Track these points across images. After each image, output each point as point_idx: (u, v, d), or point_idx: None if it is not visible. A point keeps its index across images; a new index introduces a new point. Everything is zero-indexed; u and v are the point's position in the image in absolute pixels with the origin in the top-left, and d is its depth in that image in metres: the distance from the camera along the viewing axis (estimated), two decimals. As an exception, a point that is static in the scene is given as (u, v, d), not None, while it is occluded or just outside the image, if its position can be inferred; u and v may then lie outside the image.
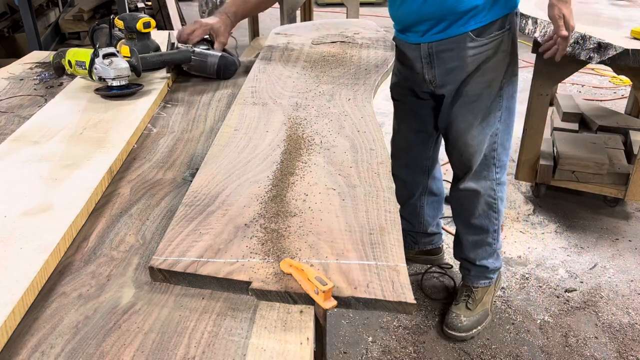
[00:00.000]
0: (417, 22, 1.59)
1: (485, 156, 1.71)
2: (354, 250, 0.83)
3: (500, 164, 1.75)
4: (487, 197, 1.79)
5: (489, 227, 1.86)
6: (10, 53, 4.18)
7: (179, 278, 0.80)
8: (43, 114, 1.32)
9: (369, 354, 1.84)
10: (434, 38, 1.59)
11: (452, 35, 1.56)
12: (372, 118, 1.26)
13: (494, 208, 1.82)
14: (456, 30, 1.55)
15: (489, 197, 1.79)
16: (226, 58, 1.62)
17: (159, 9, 4.92)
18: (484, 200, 1.80)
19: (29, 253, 0.82)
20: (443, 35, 1.57)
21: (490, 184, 1.77)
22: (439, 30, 1.57)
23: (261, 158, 1.09)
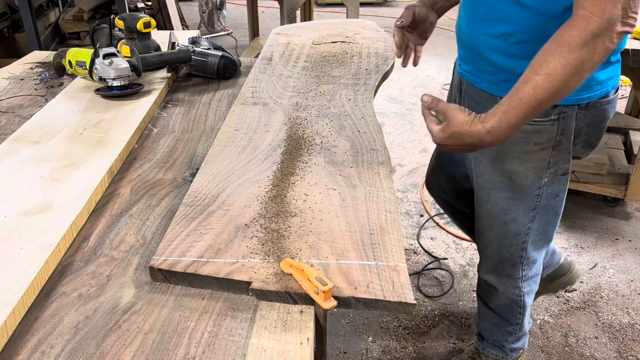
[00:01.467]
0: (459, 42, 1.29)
1: (509, 254, 1.39)
2: (354, 250, 0.83)
3: (529, 261, 1.41)
4: (510, 295, 1.48)
5: (510, 319, 1.55)
6: (11, 53, 4.18)
7: (179, 278, 0.80)
8: (43, 114, 1.33)
9: (369, 354, 1.84)
10: (465, 75, 1.29)
11: (480, 87, 1.24)
12: (373, 118, 1.26)
13: (518, 303, 1.50)
14: (485, 84, 1.22)
15: (512, 294, 1.48)
16: (226, 58, 1.62)
17: (159, 9, 4.92)
18: (506, 297, 1.49)
19: (29, 253, 0.82)
20: (472, 78, 1.26)
21: (514, 282, 1.45)
22: (469, 70, 1.27)
23: (261, 158, 1.09)
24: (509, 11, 1.09)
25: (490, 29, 1.14)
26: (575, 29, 0.90)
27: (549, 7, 1.03)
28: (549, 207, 1.31)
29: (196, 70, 1.63)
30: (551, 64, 0.92)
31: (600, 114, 1.19)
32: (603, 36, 0.88)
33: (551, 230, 1.38)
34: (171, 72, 1.59)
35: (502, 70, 1.16)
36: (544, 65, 0.92)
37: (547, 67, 0.92)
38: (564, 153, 1.22)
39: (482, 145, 1.00)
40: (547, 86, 0.92)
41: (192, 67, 1.62)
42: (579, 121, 1.18)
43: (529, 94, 0.94)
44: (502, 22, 1.11)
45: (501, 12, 1.11)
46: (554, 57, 0.92)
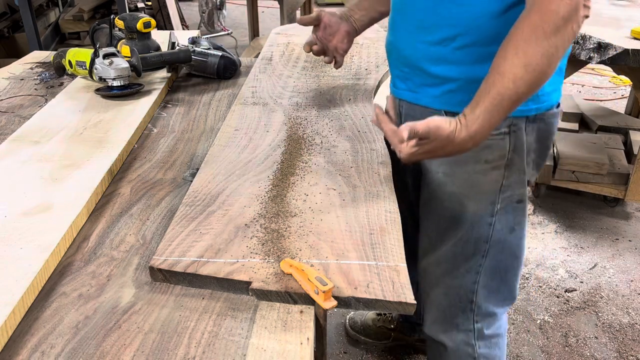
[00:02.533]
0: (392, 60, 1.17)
1: (457, 296, 1.20)
2: (354, 250, 0.83)
3: (483, 311, 1.20)
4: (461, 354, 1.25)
5: None
6: (10, 53, 4.18)
7: (179, 278, 0.80)
8: (43, 113, 1.32)
9: (369, 354, 1.84)
10: (403, 94, 1.15)
11: (421, 104, 1.11)
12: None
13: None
14: (427, 99, 1.10)
15: (464, 354, 1.24)
16: (226, 58, 1.62)
17: (159, 9, 4.92)
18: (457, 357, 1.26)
19: (29, 253, 0.82)
20: (411, 96, 1.13)
21: (465, 337, 1.23)
22: (407, 87, 1.14)
23: (261, 158, 1.09)
24: (449, 13, 1.00)
25: (428, 35, 1.04)
26: (547, 13, 0.85)
27: (492, 5, 0.97)
28: (505, 243, 1.14)
29: (196, 70, 1.63)
30: (529, 52, 0.86)
31: (547, 128, 1.10)
32: (572, 20, 0.85)
33: (512, 279, 1.18)
34: (171, 72, 1.59)
35: (446, 81, 1.05)
36: (521, 55, 0.86)
37: (525, 56, 0.86)
38: (518, 173, 1.09)
39: (460, 153, 0.91)
40: (528, 77, 0.86)
41: (192, 67, 1.62)
42: (528, 136, 1.07)
43: (508, 87, 0.87)
44: (442, 26, 1.02)
45: (440, 16, 1.02)
46: (530, 45, 0.85)
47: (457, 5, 0.99)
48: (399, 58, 1.13)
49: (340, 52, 1.32)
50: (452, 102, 1.06)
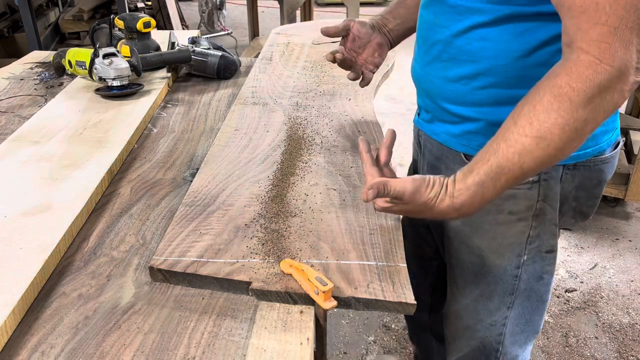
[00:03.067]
0: (415, 85, 1.06)
1: (482, 346, 1.13)
2: (354, 250, 0.83)
3: (508, 357, 1.14)
4: None
5: None
6: (10, 53, 4.18)
7: (179, 278, 0.80)
8: (43, 114, 1.32)
9: (369, 354, 1.84)
10: (423, 125, 1.08)
11: (439, 140, 1.02)
12: (373, 118, 1.26)
13: None
14: (445, 136, 1.00)
15: None
16: (226, 58, 1.62)
17: (159, 8, 4.91)
18: None
19: (29, 253, 0.82)
20: (429, 128, 1.05)
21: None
22: (427, 119, 1.05)
23: (261, 158, 1.09)
24: (470, 47, 0.88)
25: (446, 71, 0.92)
26: (579, 80, 0.68)
27: (520, 41, 0.83)
28: (532, 291, 1.04)
29: (196, 70, 1.63)
30: (546, 124, 0.70)
31: (594, 175, 0.95)
32: (613, 89, 0.68)
33: (537, 320, 1.10)
34: (171, 72, 1.59)
35: (465, 120, 0.94)
36: (536, 124, 0.71)
37: (541, 128, 0.71)
38: (548, 225, 0.97)
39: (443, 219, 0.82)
40: (537, 153, 0.72)
41: (192, 67, 1.62)
42: (565, 184, 0.94)
43: (512, 161, 0.73)
44: (461, 62, 0.90)
45: (460, 50, 0.89)
46: (551, 116, 0.70)
47: (480, 39, 0.86)
48: (419, 87, 1.04)
49: (370, 67, 1.17)
50: (472, 145, 0.94)
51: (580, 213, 1.00)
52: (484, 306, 1.06)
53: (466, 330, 1.12)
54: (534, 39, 0.83)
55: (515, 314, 1.07)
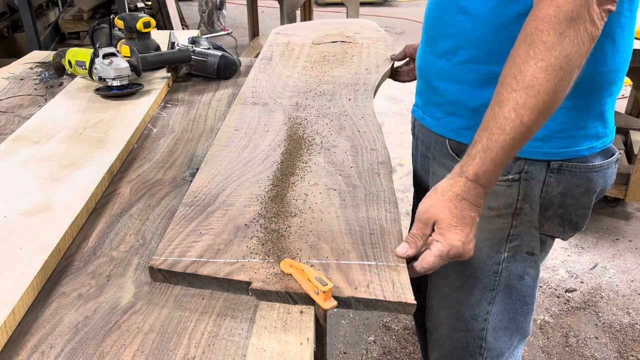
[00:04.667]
0: (417, 71, 1.11)
1: (465, 341, 1.12)
2: (354, 250, 0.83)
3: (493, 353, 1.12)
4: None
5: None
6: (10, 53, 4.18)
7: (179, 278, 0.79)
8: (43, 113, 1.32)
9: (369, 354, 1.84)
10: (415, 112, 1.12)
11: (426, 125, 1.06)
12: (373, 118, 1.25)
13: None
14: (430, 120, 1.04)
15: None
16: (226, 58, 1.62)
17: (158, 8, 4.91)
18: None
19: (29, 253, 0.82)
20: (420, 114, 1.09)
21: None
22: (419, 104, 1.09)
23: (261, 158, 1.09)
24: (452, 22, 0.91)
25: (435, 46, 0.97)
26: (544, 20, 0.70)
27: (496, 14, 0.85)
28: (513, 289, 1.04)
29: (196, 70, 1.63)
30: (528, 72, 0.72)
31: (581, 183, 0.93)
32: (582, 19, 0.69)
33: (521, 320, 1.09)
34: (171, 72, 1.59)
35: (447, 101, 0.97)
36: (519, 77, 0.72)
37: (524, 78, 0.72)
38: (528, 226, 0.98)
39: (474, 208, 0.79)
40: (531, 103, 0.72)
41: (192, 67, 1.62)
42: (549, 187, 0.93)
43: (510, 118, 0.74)
44: (446, 36, 0.93)
45: (446, 23, 0.93)
46: (530, 63, 0.71)
47: (461, 12, 0.90)
48: (418, 70, 1.08)
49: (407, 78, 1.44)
50: (451, 127, 0.96)
51: (569, 222, 1.00)
52: (465, 298, 1.07)
53: (448, 320, 1.12)
54: (509, 12, 0.84)
55: (497, 310, 1.07)
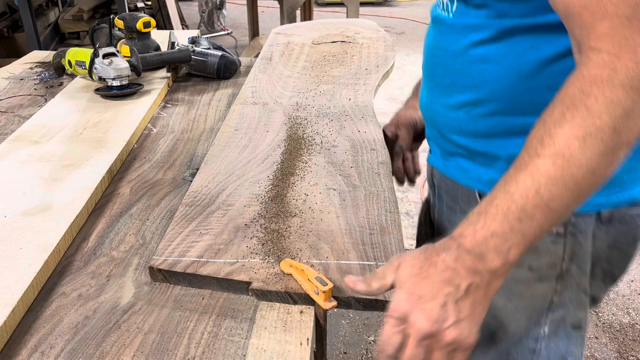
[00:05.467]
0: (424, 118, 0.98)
1: None
2: (354, 250, 0.83)
3: None
4: None
5: None
6: (10, 53, 4.18)
7: (179, 278, 0.79)
8: (43, 113, 1.32)
9: (369, 354, 1.84)
10: (434, 162, 0.98)
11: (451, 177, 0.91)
12: (373, 118, 1.26)
13: None
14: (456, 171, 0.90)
15: None
16: (226, 58, 1.62)
17: (158, 8, 4.92)
18: None
19: (29, 253, 0.82)
20: (441, 164, 0.95)
21: None
22: (437, 153, 0.96)
23: (261, 158, 1.09)
24: (470, 70, 0.78)
25: (447, 97, 0.83)
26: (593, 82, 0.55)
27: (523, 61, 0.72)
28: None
29: (196, 70, 1.63)
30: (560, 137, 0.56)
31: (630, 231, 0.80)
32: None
33: None
34: (171, 71, 1.59)
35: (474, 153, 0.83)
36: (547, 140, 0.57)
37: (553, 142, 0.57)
38: (576, 291, 0.81)
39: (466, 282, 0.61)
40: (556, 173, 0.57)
41: (192, 67, 1.62)
42: (597, 241, 0.79)
43: (524, 185, 0.58)
44: (462, 87, 0.80)
45: (459, 72, 0.79)
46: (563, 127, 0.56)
47: (480, 61, 0.77)
48: (426, 118, 0.95)
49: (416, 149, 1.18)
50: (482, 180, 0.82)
51: (610, 277, 0.85)
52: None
53: None
54: (538, 57, 0.72)
55: None
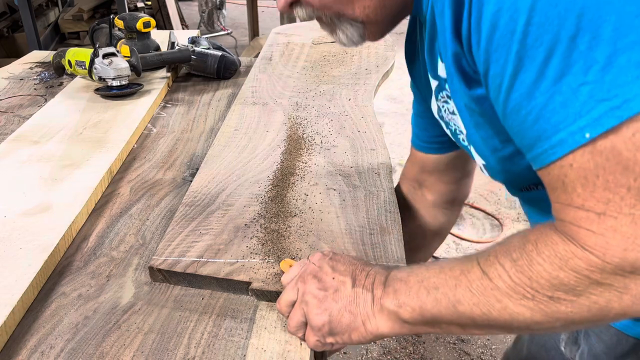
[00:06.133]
0: None
1: None
2: (354, 250, 0.83)
3: None
4: None
5: None
6: (10, 53, 4.18)
7: (178, 278, 0.79)
8: (43, 113, 1.32)
9: (369, 354, 1.84)
10: None
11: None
12: (373, 118, 1.26)
13: None
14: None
15: None
16: (226, 58, 1.62)
17: (158, 8, 4.91)
18: None
19: (29, 253, 0.82)
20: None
21: None
22: None
23: (261, 158, 1.09)
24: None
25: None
26: (578, 267, 0.49)
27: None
28: None
29: (196, 70, 1.63)
30: (482, 300, 0.56)
31: None
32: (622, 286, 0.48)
33: None
34: (171, 71, 1.59)
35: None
36: (492, 270, 0.55)
37: (493, 278, 0.55)
38: None
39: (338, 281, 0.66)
40: (469, 320, 0.58)
41: (192, 67, 1.62)
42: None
43: (445, 291, 0.59)
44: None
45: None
46: (492, 296, 0.55)
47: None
48: None
49: None
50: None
51: None
52: None
53: None
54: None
55: None
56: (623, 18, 0.44)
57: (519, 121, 0.51)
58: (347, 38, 0.70)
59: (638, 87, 0.44)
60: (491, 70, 0.52)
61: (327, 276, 0.66)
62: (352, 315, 0.63)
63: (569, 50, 0.46)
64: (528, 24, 0.47)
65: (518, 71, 0.49)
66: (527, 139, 0.52)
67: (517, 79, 0.49)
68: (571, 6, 0.45)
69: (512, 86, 0.50)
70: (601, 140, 0.46)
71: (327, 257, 0.69)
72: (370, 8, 0.65)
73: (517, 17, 0.48)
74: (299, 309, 0.66)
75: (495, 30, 0.50)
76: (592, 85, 0.45)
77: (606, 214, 0.47)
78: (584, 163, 0.47)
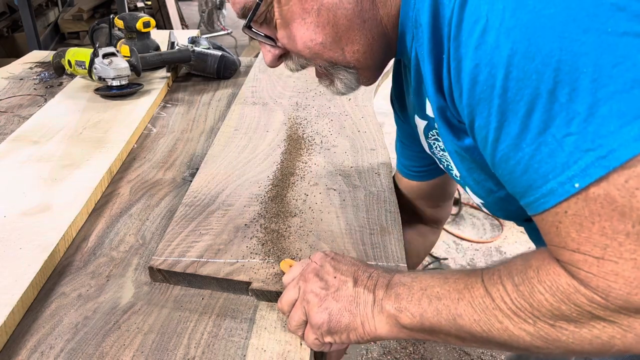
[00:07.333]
0: None
1: None
2: (354, 250, 0.83)
3: None
4: None
5: None
6: (10, 53, 4.18)
7: (178, 278, 0.79)
8: (43, 113, 1.32)
9: (369, 354, 1.84)
10: None
11: None
12: (373, 118, 1.26)
13: None
14: None
15: None
16: (226, 57, 1.62)
17: (158, 8, 4.91)
18: None
19: (29, 253, 0.82)
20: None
21: None
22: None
23: (261, 158, 1.09)
24: None
25: None
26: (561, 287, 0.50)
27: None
28: None
29: (196, 70, 1.63)
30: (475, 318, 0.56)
31: None
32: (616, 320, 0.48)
33: None
34: (171, 71, 1.59)
35: None
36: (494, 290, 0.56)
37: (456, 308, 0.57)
38: None
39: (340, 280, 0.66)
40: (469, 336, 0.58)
41: (192, 67, 1.62)
42: None
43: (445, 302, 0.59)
44: None
45: None
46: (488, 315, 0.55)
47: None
48: None
49: None
50: None
51: None
52: None
53: None
54: None
55: None
56: (601, 69, 0.44)
57: (509, 170, 0.52)
58: (345, 86, 0.72)
59: (622, 136, 0.44)
60: (476, 122, 0.53)
61: (329, 275, 0.67)
62: (351, 315, 0.64)
63: (549, 103, 0.46)
64: (507, 78, 0.47)
65: (502, 124, 0.50)
66: (519, 187, 0.53)
67: (502, 132, 0.50)
68: (548, 60, 0.45)
69: (498, 138, 0.51)
70: (593, 188, 0.46)
71: (329, 256, 0.70)
72: (360, 52, 0.66)
73: (496, 73, 0.48)
74: (300, 307, 0.67)
75: (476, 85, 0.50)
76: (577, 136, 0.46)
77: (605, 258, 0.47)
78: (578, 210, 0.47)
